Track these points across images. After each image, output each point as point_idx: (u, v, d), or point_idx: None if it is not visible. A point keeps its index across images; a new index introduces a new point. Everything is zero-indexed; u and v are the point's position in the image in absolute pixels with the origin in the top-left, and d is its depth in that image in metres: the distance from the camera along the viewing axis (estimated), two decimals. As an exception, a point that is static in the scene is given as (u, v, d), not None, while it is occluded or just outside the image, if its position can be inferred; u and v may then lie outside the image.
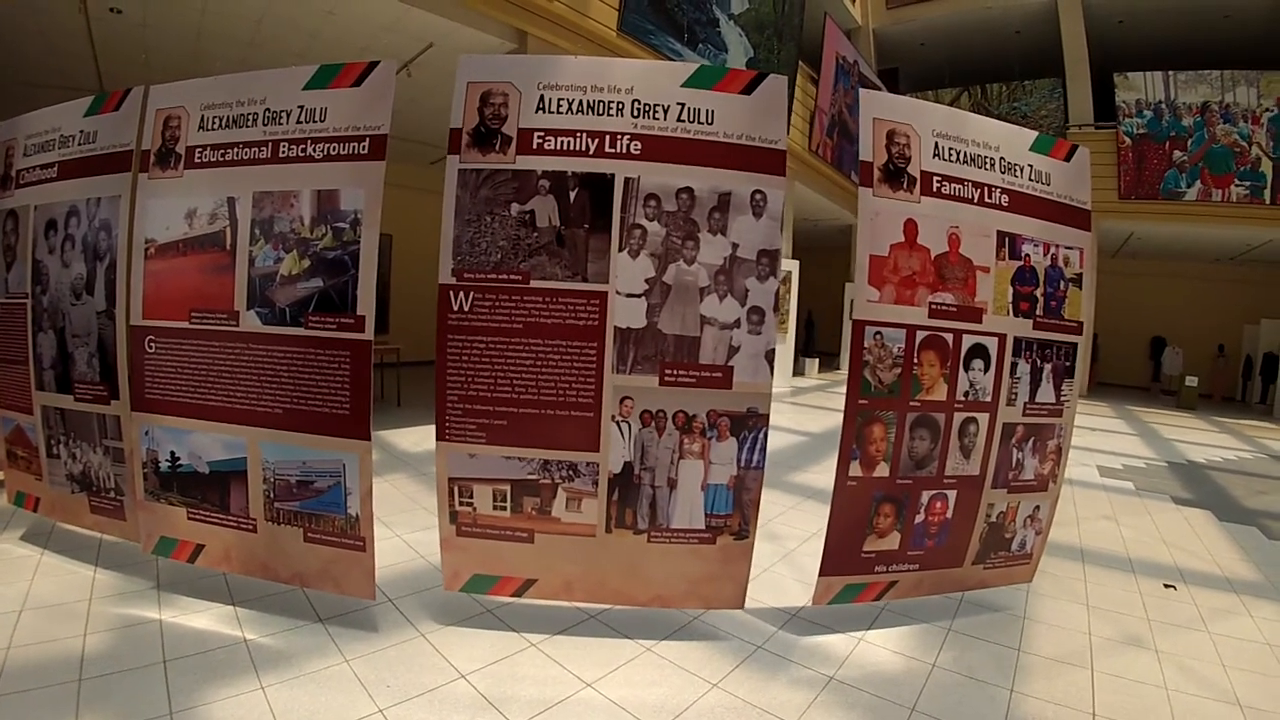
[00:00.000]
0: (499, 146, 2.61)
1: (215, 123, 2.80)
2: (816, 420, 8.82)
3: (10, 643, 2.39)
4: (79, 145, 3.14)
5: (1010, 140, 2.98)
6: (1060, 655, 2.79)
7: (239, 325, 2.72)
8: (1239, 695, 2.54)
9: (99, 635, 2.50)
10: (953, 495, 2.95)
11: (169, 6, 5.62)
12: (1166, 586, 3.65)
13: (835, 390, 11.85)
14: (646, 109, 2.62)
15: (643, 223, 2.61)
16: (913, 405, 2.83)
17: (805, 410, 9.77)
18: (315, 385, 2.63)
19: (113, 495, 3.11)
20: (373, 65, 2.64)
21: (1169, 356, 15.78)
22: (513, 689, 2.34)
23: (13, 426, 3.41)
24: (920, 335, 2.81)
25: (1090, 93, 13.95)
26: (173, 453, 2.86)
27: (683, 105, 2.63)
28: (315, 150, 2.66)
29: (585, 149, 2.61)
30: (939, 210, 2.83)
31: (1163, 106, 13.04)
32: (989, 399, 2.94)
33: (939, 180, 2.83)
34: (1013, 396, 2.98)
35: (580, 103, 2.62)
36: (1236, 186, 12.68)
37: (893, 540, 2.90)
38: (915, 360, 2.81)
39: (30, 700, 2.07)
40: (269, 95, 2.73)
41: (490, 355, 2.63)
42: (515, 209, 2.60)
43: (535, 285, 2.61)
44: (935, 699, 2.42)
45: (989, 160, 2.92)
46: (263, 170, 2.72)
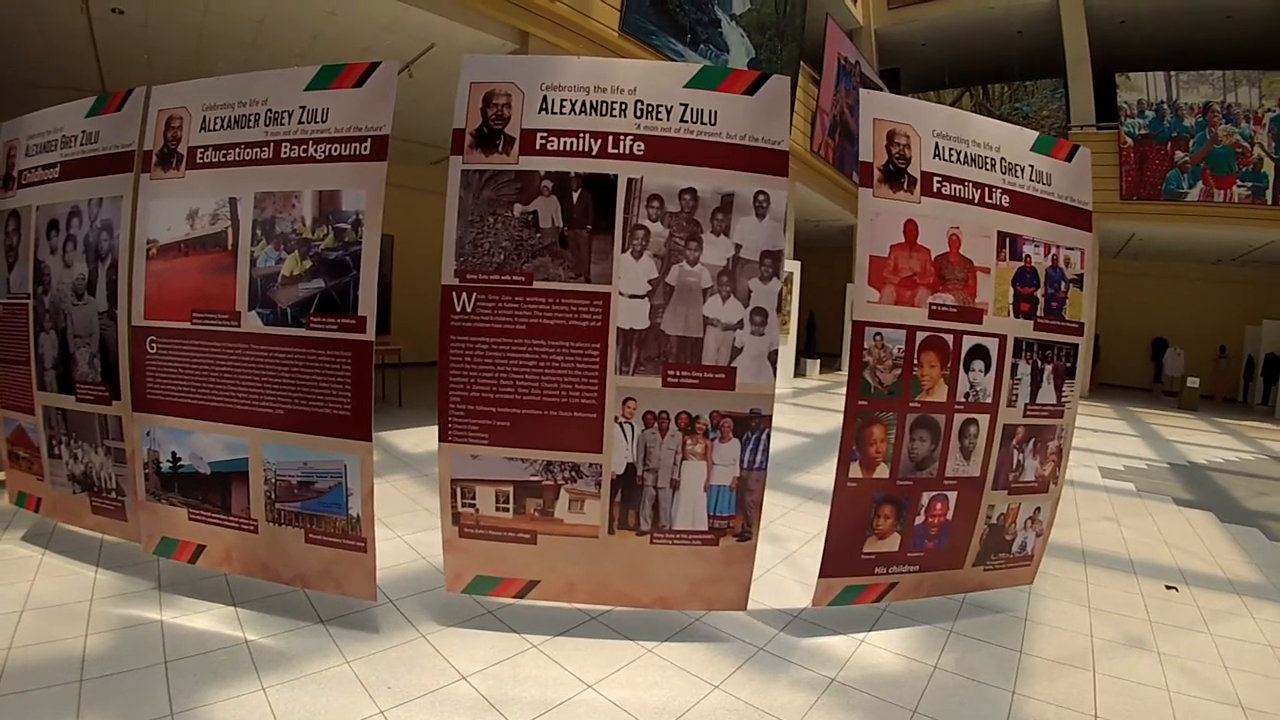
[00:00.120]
0: (502, 147, 2.61)
1: (217, 123, 2.80)
2: (818, 421, 8.82)
3: (11, 643, 2.39)
4: (81, 146, 3.14)
5: (1011, 140, 2.97)
6: (1062, 657, 2.79)
7: (240, 326, 2.72)
8: (1241, 697, 2.54)
9: (100, 636, 2.50)
10: (953, 497, 2.95)
11: (171, 7, 5.63)
12: (1168, 588, 3.65)
13: (837, 391, 11.84)
14: (649, 109, 2.62)
15: (646, 224, 2.61)
16: (913, 406, 2.82)
17: (807, 411, 9.76)
18: (316, 386, 2.63)
19: (114, 496, 3.12)
20: (374, 66, 2.64)
21: (1170, 357, 15.76)
22: (514, 690, 2.34)
23: (14, 427, 3.41)
24: (920, 336, 2.80)
25: (1092, 93, 13.94)
26: (174, 453, 2.86)
27: (686, 106, 2.62)
28: (317, 151, 2.66)
29: (588, 149, 2.60)
30: (939, 211, 2.82)
31: (1164, 107, 13.03)
32: (989, 400, 2.93)
33: (939, 181, 2.83)
34: (1013, 398, 2.98)
35: (583, 103, 2.62)
36: (1238, 187, 12.67)
37: (893, 542, 2.90)
38: (915, 361, 2.80)
39: (31, 701, 2.07)
40: (271, 96, 2.74)
41: (493, 356, 2.63)
42: (518, 210, 2.60)
43: (538, 286, 2.61)
44: (937, 701, 2.42)
45: (990, 161, 2.91)
46: (264, 171, 2.72)
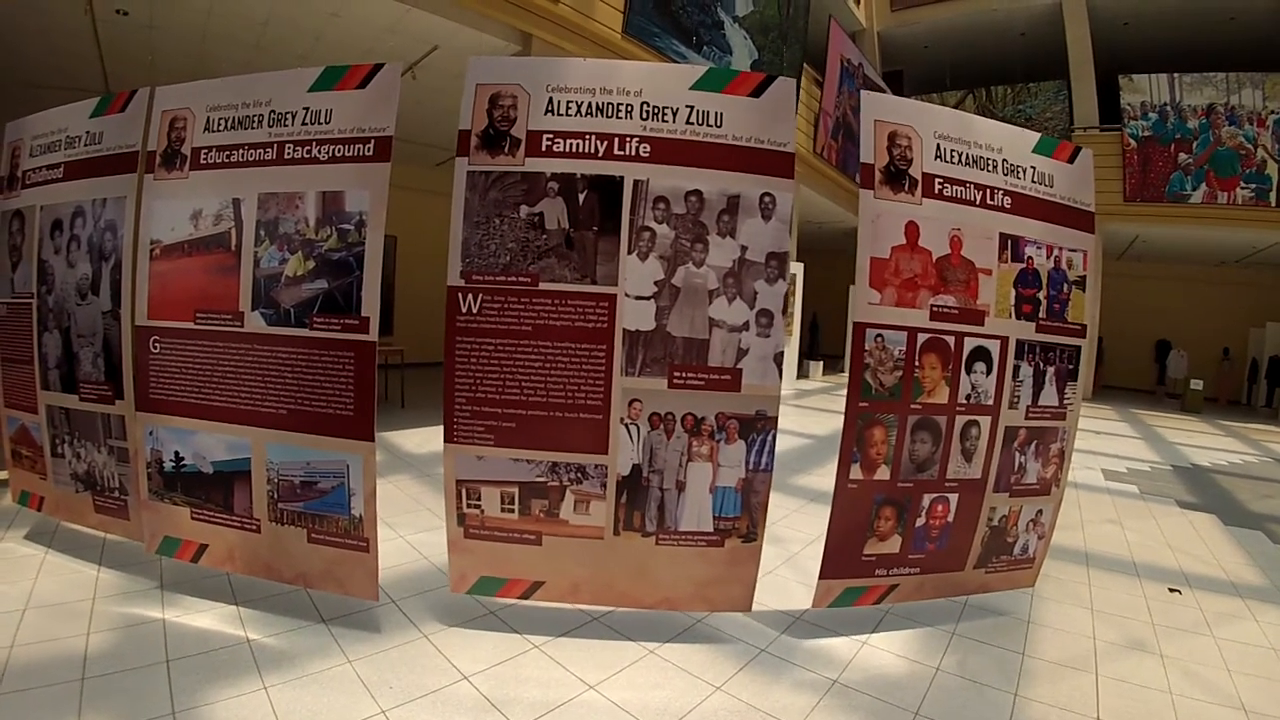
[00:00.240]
0: (508, 149, 2.61)
1: (221, 124, 2.81)
2: (820, 423, 8.82)
3: (13, 641, 2.40)
4: (85, 146, 3.15)
5: (1013, 142, 2.97)
6: (1064, 659, 2.78)
7: (244, 326, 2.73)
8: (1244, 700, 2.53)
9: (102, 634, 2.50)
10: (954, 499, 2.94)
11: (174, 8, 5.65)
12: (1171, 591, 3.63)
13: (839, 393, 11.81)
14: (655, 111, 2.62)
15: (652, 225, 2.61)
16: (914, 408, 2.82)
17: (809, 413, 9.76)
18: (319, 386, 2.64)
19: (117, 495, 3.12)
20: (378, 67, 2.65)
21: (1174, 360, 15.72)
22: (516, 691, 2.34)
23: (18, 426, 3.42)
24: (922, 338, 2.80)
25: (1095, 95, 13.93)
26: (177, 453, 2.87)
27: (691, 108, 2.62)
28: (320, 152, 2.66)
29: (594, 151, 2.61)
30: (941, 212, 2.82)
31: (1168, 109, 13.02)
32: (991, 402, 2.93)
33: (941, 182, 2.82)
34: (1015, 400, 2.97)
35: (589, 105, 2.62)
36: (1242, 189, 12.65)
37: (894, 543, 2.90)
38: (916, 363, 2.80)
39: (33, 699, 2.08)
40: (274, 97, 2.74)
41: (499, 357, 2.63)
42: (524, 211, 2.60)
43: (544, 287, 2.61)
44: (939, 703, 2.41)
45: (991, 162, 2.91)
46: (268, 172, 2.73)
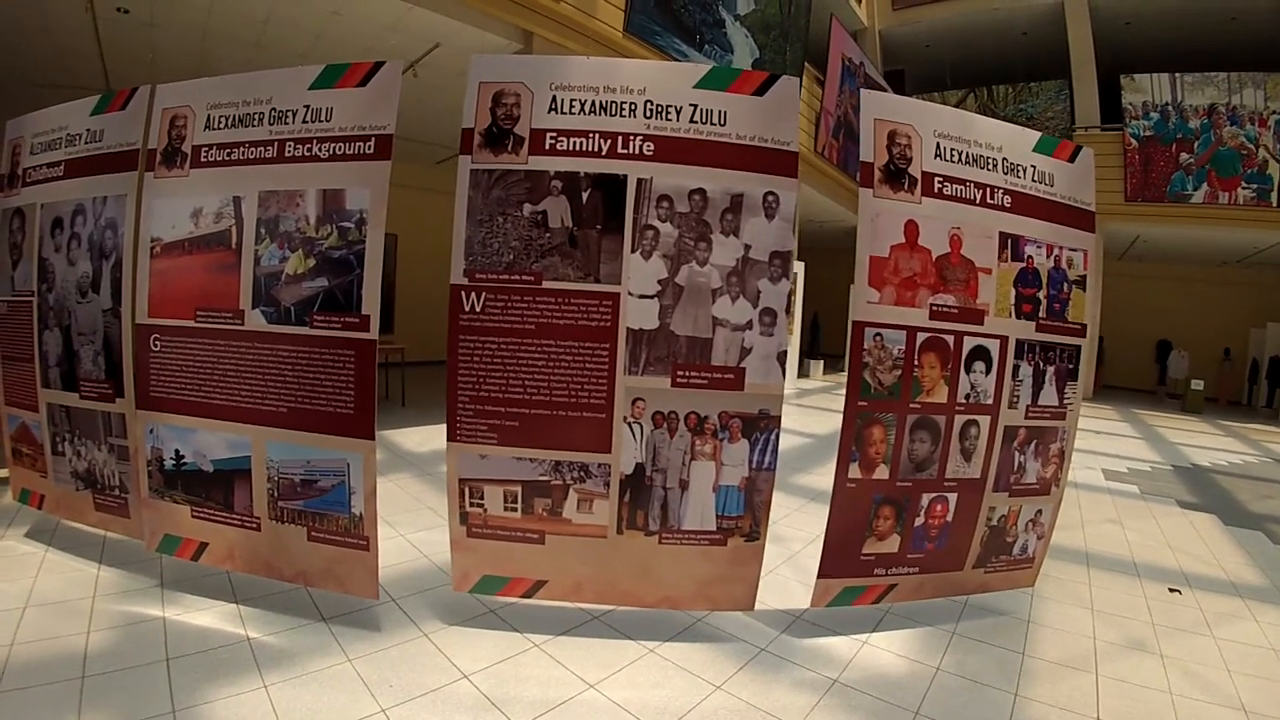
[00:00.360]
0: (511, 147, 2.61)
1: (221, 122, 2.81)
2: (821, 422, 8.81)
3: (14, 640, 2.40)
4: (85, 144, 3.15)
5: (1013, 141, 2.96)
6: (1064, 659, 2.78)
7: (244, 324, 2.72)
8: (1244, 700, 2.53)
9: (102, 633, 2.50)
10: (953, 498, 2.94)
11: (175, 6, 5.65)
12: (1171, 591, 3.63)
13: (840, 392, 11.79)
14: (659, 110, 2.62)
15: (655, 224, 2.61)
16: (913, 407, 2.82)
17: (810, 412, 9.75)
18: (320, 384, 2.63)
19: (117, 493, 3.12)
20: (378, 65, 2.65)
21: (1175, 360, 15.70)
22: (516, 690, 2.34)
23: (18, 424, 3.42)
24: (921, 337, 2.80)
25: (1097, 94, 13.91)
26: (177, 451, 2.87)
27: (695, 106, 2.62)
28: (321, 150, 2.66)
29: (598, 150, 2.60)
30: (940, 211, 2.81)
31: (1169, 109, 13.00)
32: (990, 402, 2.92)
33: (940, 181, 2.82)
34: (1014, 399, 2.97)
35: (593, 103, 2.62)
36: (1243, 189, 12.63)
37: (892, 543, 2.89)
38: (916, 362, 2.79)
39: (33, 697, 2.08)
40: (275, 95, 2.74)
41: (502, 356, 2.63)
42: (528, 209, 2.60)
43: (548, 286, 2.61)
44: (939, 702, 2.41)
45: (991, 161, 2.91)
46: (268, 170, 2.72)
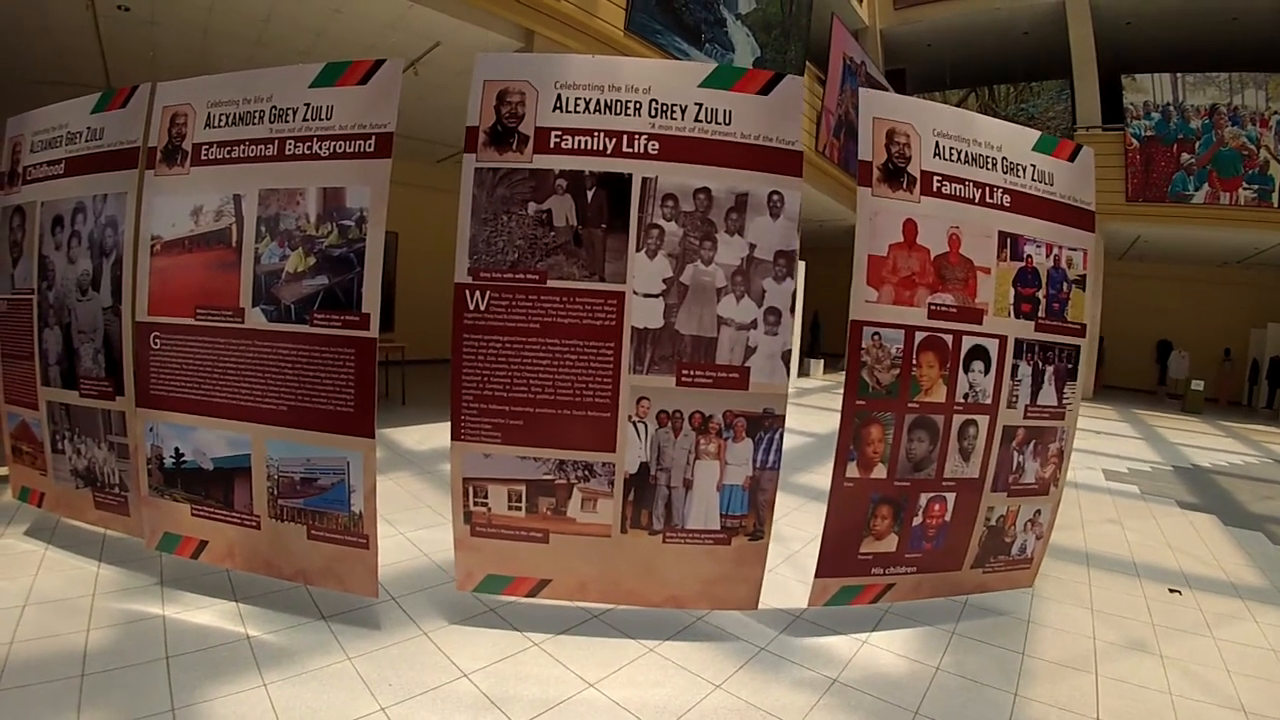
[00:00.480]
0: (516, 145, 2.61)
1: (221, 120, 2.81)
2: (821, 422, 8.80)
3: (13, 638, 2.40)
4: (86, 142, 3.15)
5: (1013, 140, 2.96)
6: (1064, 659, 2.78)
7: (244, 322, 2.72)
8: (1244, 701, 2.53)
9: (102, 631, 2.50)
10: (951, 498, 2.94)
11: (176, 4, 5.64)
12: (1171, 591, 3.63)
13: (840, 391, 11.82)
14: (664, 109, 2.61)
15: (660, 223, 2.61)
16: (911, 407, 2.81)
17: (810, 411, 9.75)
18: (320, 383, 2.63)
19: (117, 491, 3.12)
20: (379, 63, 2.65)
21: (1175, 360, 15.69)
22: (515, 688, 2.34)
23: (18, 422, 3.42)
24: (919, 336, 2.80)
25: (1098, 94, 13.89)
26: (177, 449, 2.87)
27: (700, 105, 2.62)
28: (321, 148, 2.66)
29: (603, 148, 2.60)
30: (939, 210, 2.81)
31: (1170, 109, 12.98)
32: (989, 401, 2.92)
33: (939, 180, 2.81)
34: (1013, 399, 2.96)
35: (597, 102, 2.61)
36: (1244, 190, 12.62)
37: (890, 542, 2.89)
38: (914, 361, 2.79)
39: (33, 695, 2.08)
40: (275, 93, 2.74)
41: (506, 355, 2.63)
42: (532, 208, 2.60)
43: (552, 285, 2.61)
44: (938, 702, 2.41)
45: (991, 160, 2.90)
46: (269, 168, 2.72)
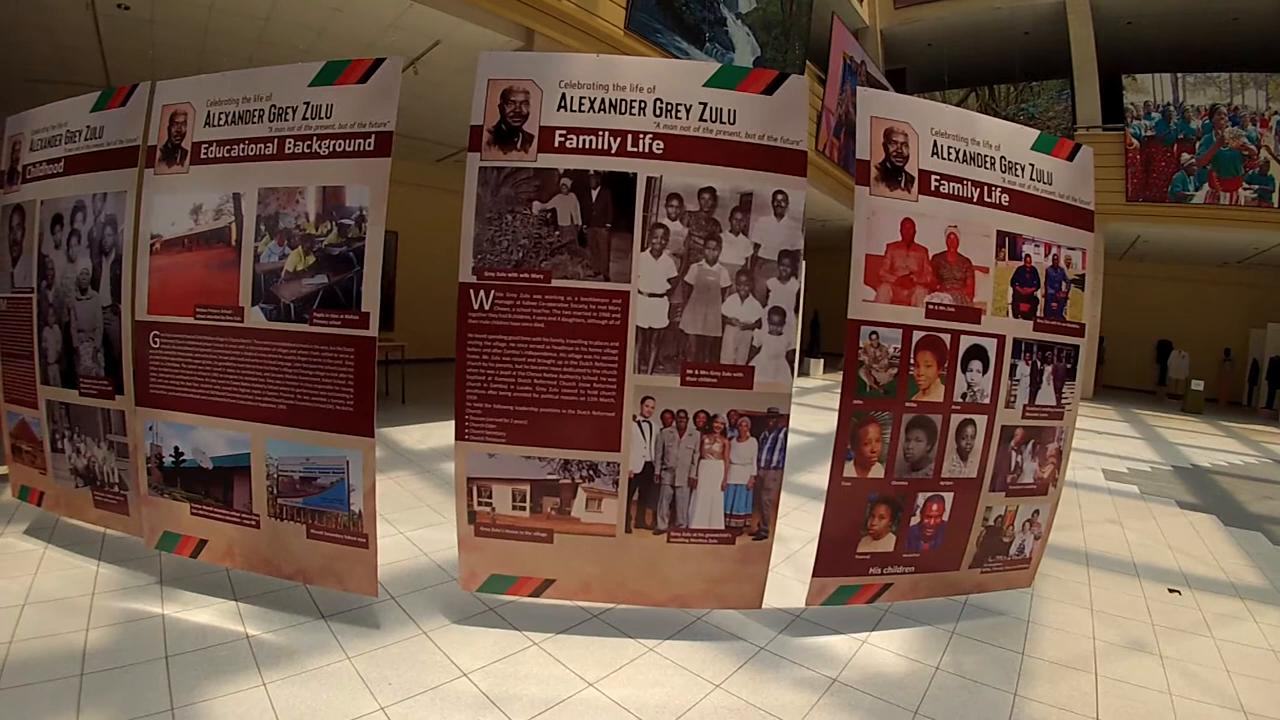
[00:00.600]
0: (520, 144, 2.60)
1: (221, 119, 2.80)
2: (822, 421, 8.80)
3: (13, 637, 2.40)
4: (85, 140, 3.14)
5: (1011, 139, 2.95)
6: (1064, 659, 2.78)
7: (244, 321, 2.72)
8: (1243, 701, 2.53)
9: (101, 630, 2.50)
10: (949, 498, 2.93)
11: (176, 3, 5.63)
12: (1171, 591, 3.63)
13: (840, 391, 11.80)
14: (669, 108, 2.61)
15: (665, 222, 2.61)
16: (909, 406, 2.81)
17: (810, 411, 9.74)
18: (319, 381, 2.63)
19: (116, 490, 3.12)
20: (379, 62, 2.64)
21: (1175, 360, 15.69)
22: (515, 688, 2.34)
23: (18, 421, 3.42)
24: (917, 336, 2.79)
25: (1098, 94, 13.89)
26: (177, 448, 2.86)
27: (705, 105, 2.62)
28: (321, 147, 2.66)
29: (607, 148, 2.60)
30: (937, 209, 2.81)
31: (1171, 109, 12.98)
32: (987, 401, 2.92)
33: (937, 179, 2.81)
34: (1011, 399, 2.96)
35: (602, 101, 2.61)
36: (1245, 190, 12.62)
37: (888, 542, 2.89)
38: (912, 361, 2.79)
39: (32, 695, 2.08)
40: (275, 91, 2.74)
41: (511, 354, 2.62)
42: (537, 207, 2.60)
43: (557, 284, 2.60)
44: (938, 702, 2.41)
45: (989, 159, 2.90)
46: (268, 166, 2.72)
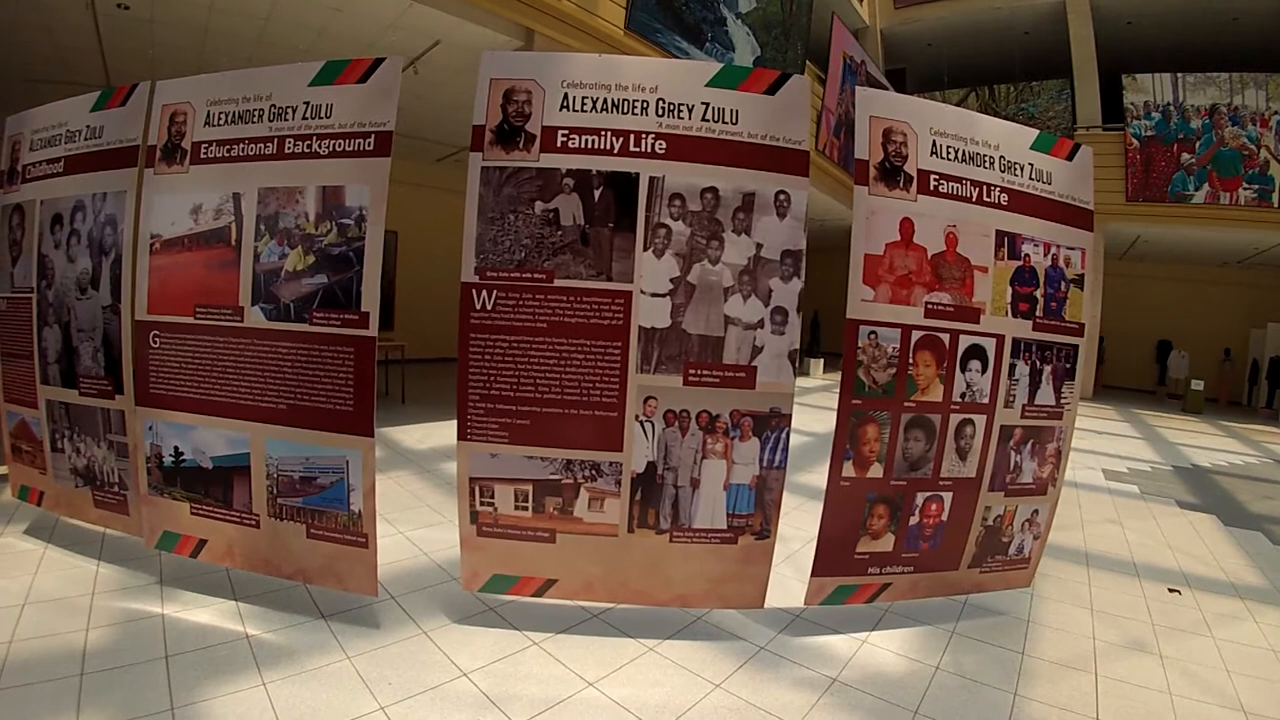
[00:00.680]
0: (522, 144, 2.60)
1: (221, 118, 2.80)
2: (821, 420, 8.80)
3: (13, 637, 2.40)
4: (85, 140, 3.14)
5: (1010, 139, 2.95)
6: (1064, 659, 2.78)
7: (244, 321, 2.72)
8: (1243, 701, 2.53)
9: (101, 630, 2.50)
10: (948, 497, 2.93)
11: (176, 3, 5.63)
12: (1171, 591, 3.63)
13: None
14: (671, 108, 2.61)
15: (667, 222, 2.60)
16: (908, 406, 2.81)
17: (809, 410, 9.74)
18: (319, 381, 2.63)
19: (116, 490, 3.12)
20: (379, 62, 2.64)
21: (1175, 360, 15.69)
22: (515, 688, 2.34)
23: (18, 420, 3.42)
24: (916, 335, 2.79)
25: (1098, 94, 13.88)
26: (176, 448, 2.86)
27: (707, 105, 2.62)
28: (320, 146, 2.66)
29: (610, 148, 2.60)
30: (936, 209, 2.81)
31: (1171, 109, 12.98)
32: (986, 400, 2.91)
33: (936, 179, 2.81)
34: (1011, 398, 2.96)
35: (604, 101, 2.61)
36: (1245, 190, 12.61)
37: (887, 542, 2.89)
38: (910, 360, 2.79)
39: (32, 695, 2.07)
40: (275, 91, 2.73)
41: (513, 354, 2.62)
42: (539, 207, 2.59)
43: (559, 284, 2.60)
44: (938, 702, 2.41)
45: (988, 159, 2.89)
46: (268, 166, 2.72)
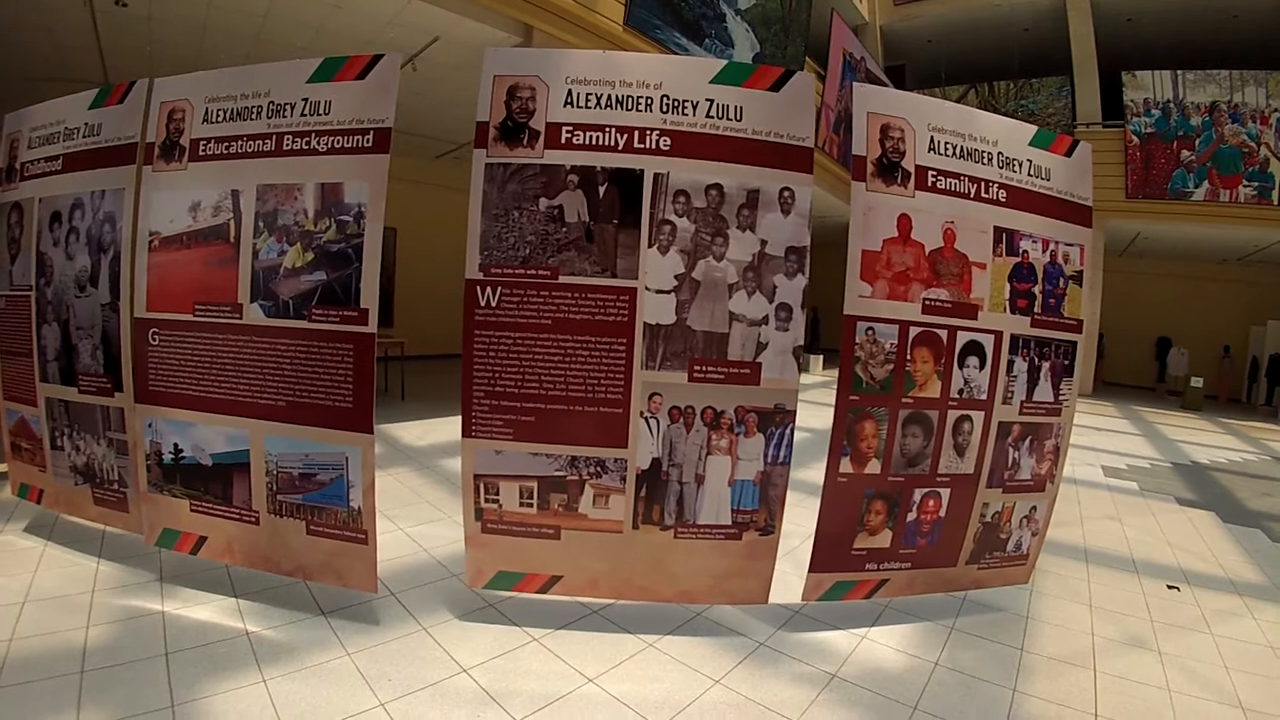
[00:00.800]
0: (526, 141, 2.60)
1: (219, 115, 2.80)
2: (820, 417, 8.77)
3: (13, 635, 2.40)
4: (83, 138, 3.13)
5: (1009, 135, 2.95)
6: (1063, 655, 2.79)
7: (242, 318, 2.72)
8: (1241, 698, 2.53)
9: (101, 627, 2.50)
10: (946, 494, 2.93)
11: (175, 0, 5.62)
12: (1170, 588, 3.64)
13: (838, 388, 11.78)
14: (675, 105, 2.61)
15: (672, 219, 2.60)
16: (905, 402, 2.81)
17: (809, 407, 9.71)
18: (318, 378, 2.63)
19: (116, 487, 3.12)
20: (377, 58, 2.63)
21: (1174, 357, 15.71)
22: (515, 683, 2.34)
23: (17, 418, 3.41)
24: (913, 331, 2.79)
25: (1098, 91, 13.87)
26: (176, 445, 2.86)
27: (711, 101, 2.61)
28: (319, 143, 2.65)
29: (614, 144, 2.59)
30: (934, 205, 2.80)
31: (1170, 106, 12.97)
32: (984, 397, 2.91)
33: (934, 175, 2.81)
34: (1009, 395, 2.96)
35: (608, 97, 2.60)
36: (1245, 187, 12.61)
37: (884, 538, 2.89)
38: (908, 357, 2.79)
39: (32, 692, 2.08)
40: (273, 88, 2.73)
41: (518, 351, 2.62)
42: (543, 204, 2.59)
43: (564, 281, 2.60)
44: (937, 698, 2.42)
45: (986, 155, 2.89)
46: (267, 163, 2.71)
